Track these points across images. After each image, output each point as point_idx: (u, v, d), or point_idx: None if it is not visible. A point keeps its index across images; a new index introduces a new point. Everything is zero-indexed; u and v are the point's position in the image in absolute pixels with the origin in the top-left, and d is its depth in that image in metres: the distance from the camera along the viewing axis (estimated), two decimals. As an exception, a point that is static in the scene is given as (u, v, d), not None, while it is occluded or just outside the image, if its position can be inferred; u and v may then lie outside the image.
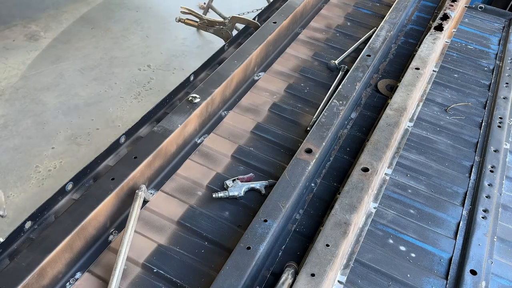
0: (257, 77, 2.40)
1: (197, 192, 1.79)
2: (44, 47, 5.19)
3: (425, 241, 1.72)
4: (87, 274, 1.51)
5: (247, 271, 1.41)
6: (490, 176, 1.97)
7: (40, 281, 1.38)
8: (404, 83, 2.16)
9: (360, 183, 1.66)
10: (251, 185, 1.79)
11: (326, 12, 2.97)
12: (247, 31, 2.67)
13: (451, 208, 1.86)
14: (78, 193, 1.71)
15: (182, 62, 5.25)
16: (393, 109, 2.01)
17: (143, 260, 1.55)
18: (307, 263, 1.40)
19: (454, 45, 2.82)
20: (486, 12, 3.17)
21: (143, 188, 1.67)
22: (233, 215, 1.72)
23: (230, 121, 2.12)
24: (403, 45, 2.76)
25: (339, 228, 1.50)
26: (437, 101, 2.39)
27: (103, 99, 4.61)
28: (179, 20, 2.79)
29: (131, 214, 1.60)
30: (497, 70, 2.66)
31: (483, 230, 1.74)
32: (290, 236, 1.68)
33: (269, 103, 2.24)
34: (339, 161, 1.99)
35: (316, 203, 1.81)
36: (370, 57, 2.36)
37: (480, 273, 1.59)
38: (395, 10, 2.75)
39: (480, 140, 2.19)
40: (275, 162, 1.94)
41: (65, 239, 1.42)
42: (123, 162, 1.69)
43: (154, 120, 2.08)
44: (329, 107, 2.03)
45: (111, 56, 5.17)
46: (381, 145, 1.83)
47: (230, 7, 5.96)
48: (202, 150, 1.97)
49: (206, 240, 1.64)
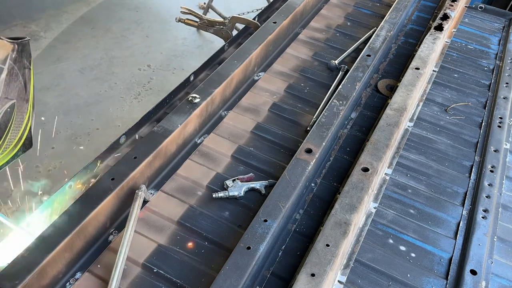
0: (257, 77, 2.40)
1: (197, 192, 1.79)
2: (44, 47, 5.19)
3: (425, 241, 1.72)
4: (87, 274, 1.51)
5: (247, 271, 1.41)
6: (490, 176, 1.97)
7: (40, 281, 1.38)
8: (404, 83, 2.16)
9: (360, 183, 1.66)
10: (251, 185, 1.79)
11: (326, 12, 2.97)
12: (247, 31, 2.67)
13: (451, 208, 1.86)
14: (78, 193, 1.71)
15: (182, 62, 5.25)
16: (393, 109, 2.01)
17: (143, 260, 1.55)
18: (307, 263, 1.40)
19: (454, 45, 2.82)
20: (486, 12, 3.17)
21: (143, 188, 1.67)
22: (233, 215, 1.72)
23: (230, 121, 2.12)
24: (403, 45, 2.76)
25: (339, 228, 1.50)
26: (437, 101, 2.39)
27: (103, 99, 4.61)
28: (179, 20, 2.79)
29: (131, 214, 1.60)
30: (497, 70, 2.66)
31: (483, 230, 1.74)
32: (290, 236, 1.68)
33: (269, 103, 2.24)
34: (339, 161, 1.99)
35: (316, 203, 1.81)
36: (370, 57, 2.36)
37: (480, 273, 1.59)
38: (395, 10, 2.75)
39: (480, 140, 2.19)
40: (275, 162, 1.94)
41: (65, 239, 1.42)
42: (123, 162, 1.69)
43: (154, 120, 2.08)
44: (329, 107, 2.03)
45: (111, 56, 5.17)
46: (381, 145, 1.83)
47: (230, 7, 5.96)
48: (202, 150, 1.97)
49: (206, 240, 1.64)
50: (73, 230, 1.45)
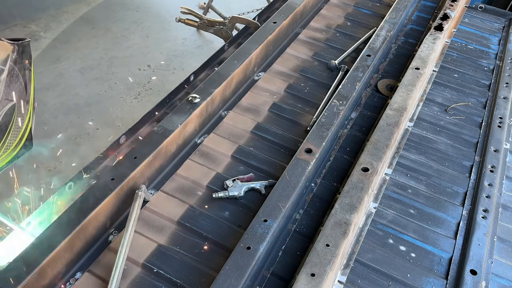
0: (257, 77, 2.40)
1: (197, 192, 1.79)
2: (44, 47, 5.19)
3: (425, 241, 1.72)
4: (87, 274, 1.51)
5: (247, 271, 1.41)
6: (490, 176, 1.97)
7: (40, 281, 1.38)
8: (404, 83, 2.16)
9: (360, 183, 1.66)
10: (251, 185, 1.79)
11: (326, 12, 2.97)
12: (247, 31, 2.67)
13: (451, 208, 1.86)
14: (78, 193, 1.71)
15: (182, 62, 5.25)
16: (393, 109, 2.01)
17: (143, 260, 1.55)
18: (307, 263, 1.40)
19: (454, 45, 2.82)
20: (486, 12, 3.17)
21: (143, 188, 1.67)
22: (233, 215, 1.72)
23: (230, 121, 2.12)
24: (403, 45, 2.76)
25: (339, 228, 1.50)
26: (437, 101, 2.39)
27: (103, 99, 4.61)
28: (179, 20, 2.79)
29: (131, 214, 1.60)
30: (497, 70, 2.66)
31: (483, 230, 1.74)
32: (290, 236, 1.68)
33: (269, 103, 2.24)
34: (339, 161, 1.99)
35: (316, 203, 1.81)
36: (370, 57, 2.36)
37: (480, 273, 1.59)
38: (395, 10, 2.75)
39: (480, 140, 2.19)
40: (275, 162, 1.94)
41: (65, 239, 1.42)
42: (123, 162, 1.69)
43: (154, 120, 2.08)
44: (329, 107, 2.03)
45: (111, 56, 5.17)
46: (381, 145, 1.83)
47: (230, 7, 5.96)
48: (202, 150, 1.97)
49: (206, 240, 1.64)
50: (73, 230, 1.45)
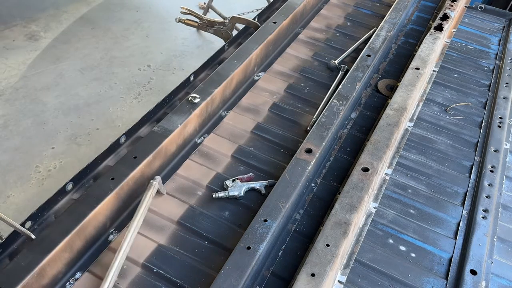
0: (257, 77, 2.40)
1: (197, 192, 1.79)
2: (44, 47, 5.19)
3: (425, 241, 1.72)
4: (87, 274, 1.51)
5: (247, 271, 1.41)
6: (490, 176, 1.97)
7: (40, 281, 1.38)
8: (404, 83, 2.16)
9: (360, 183, 1.66)
10: (251, 185, 1.79)
11: (326, 12, 2.97)
12: (247, 31, 2.67)
13: (451, 208, 1.86)
14: (78, 193, 1.71)
15: (182, 62, 5.24)
16: (393, 109, 2.01)
17: (143, 260, 1.55)
18: (307, 263, 1.40)
19: (454, 45, 2.82)
20: (486, 12, 3.17)
21: (158, 179, 1.66)
22: (233, 215, 1.72)
23: (230, 121, 2.12)
24: (403, 45, 2.76)
25: (339, 228, 1.50)
26: (437, 101, 2.39)
27: (103, 99, 4.61)
28: (179, 20, 2.79)
29: (142, 202, 1.59)
30: (497, 70, 2.66)
31: (483, 230, 1.74)
32: (290, 236, 1.68)
33: (269, 103, 2.24)
34: (339, 161, 1.99)
35: (316, 203, 1.81)
36: (370, 57, 2.36)
37: (480, 273, 1.59)
38: (395, 10, 2.75)
39: (480, 140, 2.19)
40: (275, 162, 1.94)
41: (65, 239, 1.42)
42: (123, 162, 1.69)
43: (154, 120, 2.08)
44: (329, 107, 2.03)
45: (111, 56, 5.16)
46: (381, 145, 1.83)
47: (230, 7, 5.96)
48: (202, 150, 1.97)
49: (206, 240, 1.64)
50: (73, 230, 1.45)
